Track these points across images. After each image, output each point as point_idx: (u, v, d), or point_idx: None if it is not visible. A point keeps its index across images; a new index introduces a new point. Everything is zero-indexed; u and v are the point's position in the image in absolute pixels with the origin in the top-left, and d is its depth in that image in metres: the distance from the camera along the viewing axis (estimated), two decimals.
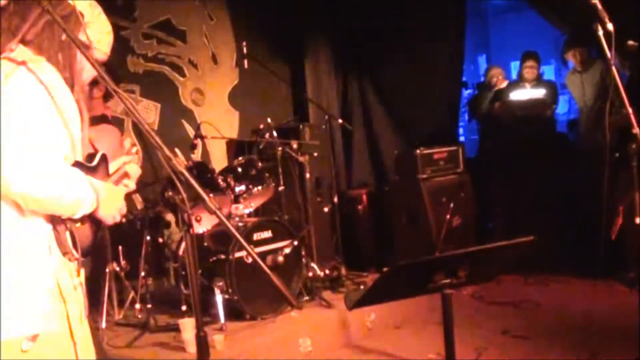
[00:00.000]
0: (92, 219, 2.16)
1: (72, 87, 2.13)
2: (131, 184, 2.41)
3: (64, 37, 2.08)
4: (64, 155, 2.06)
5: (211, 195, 4.93)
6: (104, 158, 2.33)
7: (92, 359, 2.24)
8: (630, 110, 3.20)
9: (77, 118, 2.13)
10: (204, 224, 5.08)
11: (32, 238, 2.01)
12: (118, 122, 6.06)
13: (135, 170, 2.43)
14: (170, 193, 1.79)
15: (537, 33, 9.36)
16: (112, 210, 2.21)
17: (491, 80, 7.39)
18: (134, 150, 2.51)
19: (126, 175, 2.40)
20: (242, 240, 1.87)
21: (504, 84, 7.36)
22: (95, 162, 2.27)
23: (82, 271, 2.23)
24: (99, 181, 2.18)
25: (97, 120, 4.87)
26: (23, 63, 2.00)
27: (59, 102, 2.03)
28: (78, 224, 2.12)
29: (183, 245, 4.97)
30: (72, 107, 2.10)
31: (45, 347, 2.01)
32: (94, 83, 2.31)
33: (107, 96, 5.25)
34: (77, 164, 2.15)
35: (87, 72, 2.21)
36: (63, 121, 2.04)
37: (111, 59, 2.44)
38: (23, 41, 2.08)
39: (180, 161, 1.90)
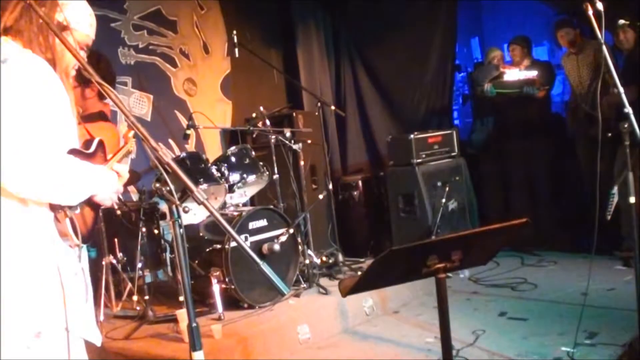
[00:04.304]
0: (89, 204, 2.19)
1: (54, 68, 2.13)
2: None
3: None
4: (57, 144, 2.07)
5: (205, 185, 4.93)
6: (100, 144, 2.35)
7: (98, 342, 2.27)
8: (621, 89, 3.19)
9: (67, 104, 2.15)
10: (199, 214, 5.07)
11: (35, 228, 2.03)
12: (113, 114, 6.05)
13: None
14: (157, 184, 1.77)
15: (530, 14, 9.32)
16: (109, 192, 2.23)
17: (492, 61, 7.34)
18: (130, 134, 2.52)
19: (129, 152, 2.45)
20: (230, 229, 1.86)
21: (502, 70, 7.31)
22: (92, 149, 2.30)
23: (85, 256, 2.25)
24: (95, 165, 2.20)
25: (94, 117, 4.84)
26: (8, 57, 2.00)
27: (48, 92, 2.05)
28: (77, 211, 2.13)
29: None
30: (62, 95, 2.12)
31: (49, 340, 2.03)
32: (86, 83, 2.32)
33: (101, 93, 5.22)
34: (73, 151, 2.16)
35: (69, 55, 2.21)
36: (52, 110, 2.05)
37: (103, 52, 2.43)
38: (5, 29, 2.09)
39: (166, 152, 1.90)
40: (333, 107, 6.39)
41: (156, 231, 5.47)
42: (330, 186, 6.12)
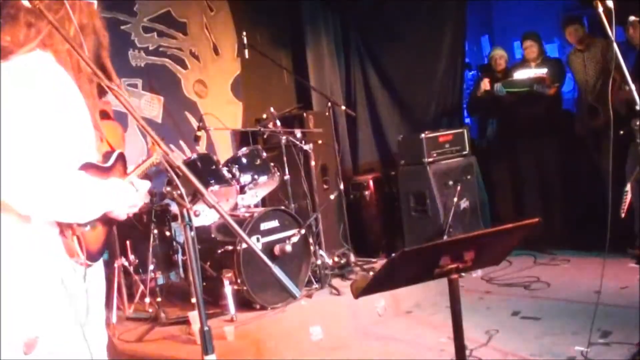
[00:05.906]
0: (103, 220, 2.15)
1: (77, 73, 2.13)
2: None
3: (71, 31, 2.10)
4: (71, 155, 2.04)
5: (216, 186, 4.94)
6: (120, 157, 2.32)
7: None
8: (632, 86, 3.16)
9: (83, 112, 2.13)
10: (210, 216, 5.07)
11: (37, 243, 1.99)
12: (122, 117, 6.06)
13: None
14: (168, 188, 1.74)
15: (540, 12, 9.28)
16: (124, 207, 2.19)
17: (491, 61, 7.32)
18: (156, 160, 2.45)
19: (153, 165, 2.36)
20: (242, 232, 1.85)
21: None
22: (110, 162, 2.26)
23: (93, 275, 2.20)
24: (108, 180, 2.16)
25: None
26: (19, 64, 1.99)
27: (62, 99, 2.02)
28: (87, 228, 2.09)
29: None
30: (76, 103, 2.10)
31: (48, 350, 2.01)
32: None
33: (101, 92, 5.22)
34: (90, 166, 2.13)
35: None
36: (63, 121, 2.02)
37: (112, 54, 2.41)
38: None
39: (177, 155, 1.88)
40: (343, 107, 6.38)
41: (168, 233, 5.48)
42: (342, 186, 6.12)
